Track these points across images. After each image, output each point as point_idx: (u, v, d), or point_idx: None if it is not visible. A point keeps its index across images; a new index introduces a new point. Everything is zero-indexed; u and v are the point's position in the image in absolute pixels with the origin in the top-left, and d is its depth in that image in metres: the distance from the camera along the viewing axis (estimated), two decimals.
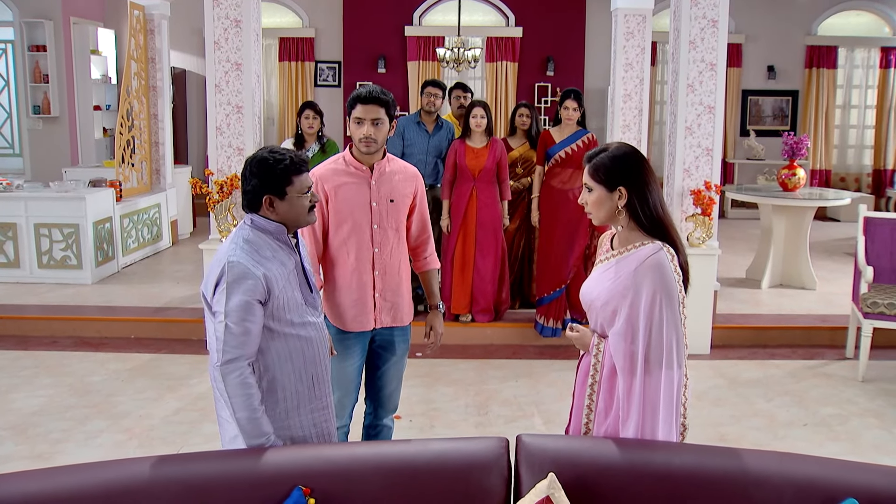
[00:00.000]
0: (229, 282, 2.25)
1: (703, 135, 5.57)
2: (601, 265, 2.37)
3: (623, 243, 2.31)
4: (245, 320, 2.25)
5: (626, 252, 2.28)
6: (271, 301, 2.31)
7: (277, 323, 2.35)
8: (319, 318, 2.53)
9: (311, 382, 2.44)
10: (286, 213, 2.36)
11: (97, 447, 4.02)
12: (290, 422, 2.41)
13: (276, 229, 2.38)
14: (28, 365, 5.23)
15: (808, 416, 4.51)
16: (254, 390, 2.28)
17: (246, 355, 2.27)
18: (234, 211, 5.53)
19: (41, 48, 9.19)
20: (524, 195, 6.00)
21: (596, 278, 2.35)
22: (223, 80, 5.52)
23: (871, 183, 11.67)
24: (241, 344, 2.25)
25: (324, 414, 2.51)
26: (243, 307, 2.25)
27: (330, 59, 11.19)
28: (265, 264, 2.31)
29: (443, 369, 5.21)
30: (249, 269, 2.26)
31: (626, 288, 2.21)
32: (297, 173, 2.35)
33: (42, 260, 6.95)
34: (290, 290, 2.37)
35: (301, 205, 2.37)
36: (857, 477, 2.11)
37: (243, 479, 2.09)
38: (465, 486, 2.11)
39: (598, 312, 2.31)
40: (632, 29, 7.94)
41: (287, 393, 2.39)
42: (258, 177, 2.33)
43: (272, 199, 2.34)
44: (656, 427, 2.19)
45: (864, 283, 5.12)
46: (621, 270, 2.25)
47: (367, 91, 2.94)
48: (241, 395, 2.25)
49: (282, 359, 2.37)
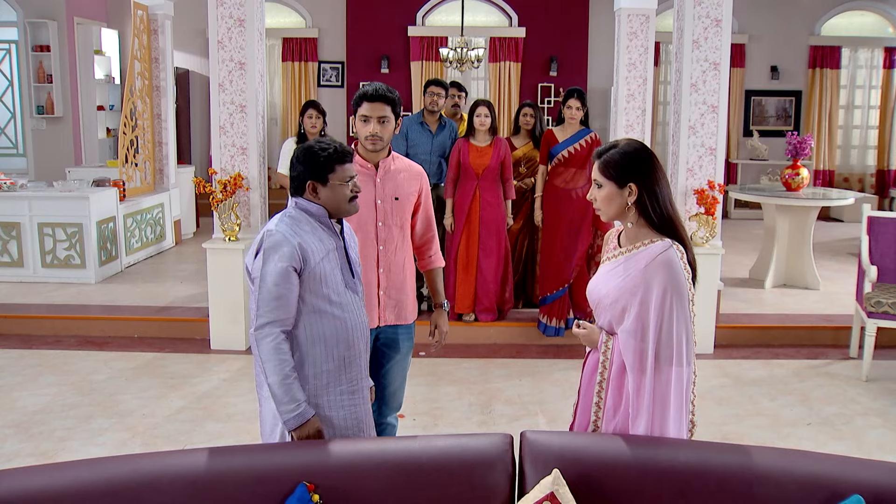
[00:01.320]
0: (266, 248, 2.37)
1: (707, 134, 5.57)
2: (609, 262, 2.36)
3: (631, 240, 2.31)
4: (279, 285, 2.34)
5: (635, 249, 2.27)
6: (307, 271, 2.40)
7: (314, 296, 2.41)
8: (360, 306, 2.57)
9: (342, 363, 2.47)
10: (328, 198, 2.48)
11: (101, 445, 4.03)
12: (319, 400, 2.44)
13: (317, 211, 2.49)
14: (32, 363, 5.24)
15: (812, 416, 4.51)
16: (287, 356, 2.35)
17: (280, 320, 2.35)
18: (237, 210, 5.53)
19: (45, 48, 9.20)
20: (527, 195, 6.00)
21: (604, 276, 2.34)
22: (227, 79, 5.52)
23: (874, 183, 11.65)
24: (276, 308, 2.34)
25: (354, 398, 2.51)
26: (279, 272, 2.34)
27: (333, 59, 11.21)
28: (303, 236, 2.42)
29: (446, 368, 5.21)
30: (286, 237, 2.38)
31: (635, 285, 2.20)
32: (339, 162, 2.47)
33: (46, 259, 6.96)
34: (329, 266, 2.45)
35: (342, 192, 2.49)
36: (862, 474, 2.10)
37: (248, 474, 2.09)
38: (470, 482, 2.11)
39: (606, 310, 2.30)
40: (635, 29, 7.94)
41: (317, 370, 2.43)
42: (304, 164, 2.47)
43: (315, 184, 2.47)
44: (666, 424, 2.18)
45: (868, 283, 5.11)
46: (630, 268, 2.24)
47: (374, 89, 2.95)
48: (274, 359, 2.33)
49: (313, 336, 2.42)
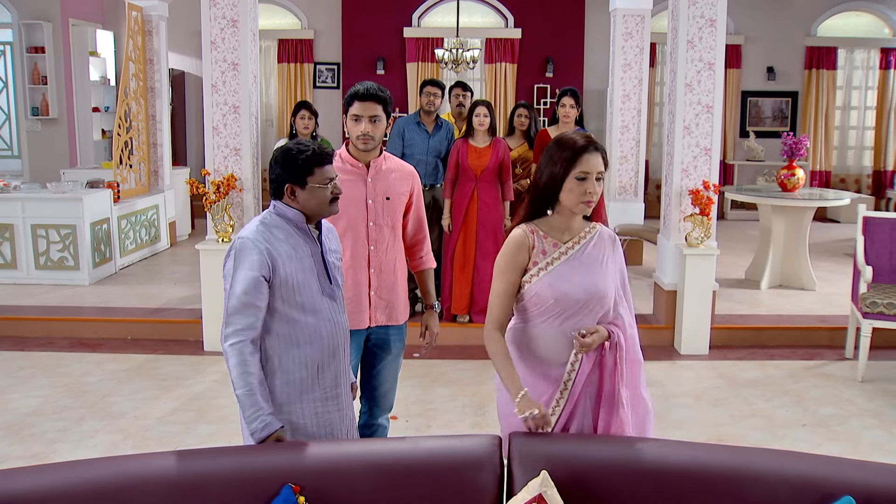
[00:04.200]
0: (236, 255, 2.35)
1: (702, 134, 5.55)
2: (572, 259, 2.36)
3: (578, 229, 2.40)
4: (248, 293, 2.31)
5: (587, 235, 2.39)
6: (277, 279, 2.35)
7: (286, 305, 2.37)
8: (339, 312, 2.52)
9: (316, 371, 2.43)
10: (306, 202, 2.42)
11: (92, 447, 4.01)
12: (291, 407, 2.40)
13: (294, 216, 2.44)
14: (24, 365, 5.21)
15: (808, 417, 4.49)
16: (254, 367, 2.30)
17: (247, 329, 2.31)
18: (230, 211, 5.51)
19: (40, 50, 9.18)
20: (524, 196, 5.98)
21: (593, 272, 2.35)
22: (220, 80, 5.51)
23: (870, 184, 11.65)
24: (243, 317, 2.30)
25: (328, 405, 2.47)
26: (248, 281, 2.31)
27: (329, 60, 11.19)
28: (273, 243, 2.38)
29: (440, 370, 5.19)
30: (254, 244, 2.34)
31: (618, 269, 2.36)
32: (318, 164, 2.40)
33: (39, 261, 6.94)
34: (301, 273, 2.40)
35: (322, 195, 2.42)
36: (854, 474, 2.09)
37: (233, 476, 2.08)
38: (458, 483, 2.10)
39: (603, 303, 2.35)
40: (630, 29, 7.94)
41: (289, 378, 2.39)
42: (281, 166, 2.41)
43: (293, 188, 2.41)
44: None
45: (864, 283, 5.10)
46: (601, 254, 2.36)
47: (365, 88, 2.94)
48: (239, 369, 2.29)
49: (285, 344, 2.38)
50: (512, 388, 2.26)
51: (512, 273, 2.37)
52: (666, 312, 5.71)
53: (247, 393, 2.27)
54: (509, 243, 2.39)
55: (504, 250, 2.40)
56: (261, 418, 2.26)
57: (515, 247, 2.36)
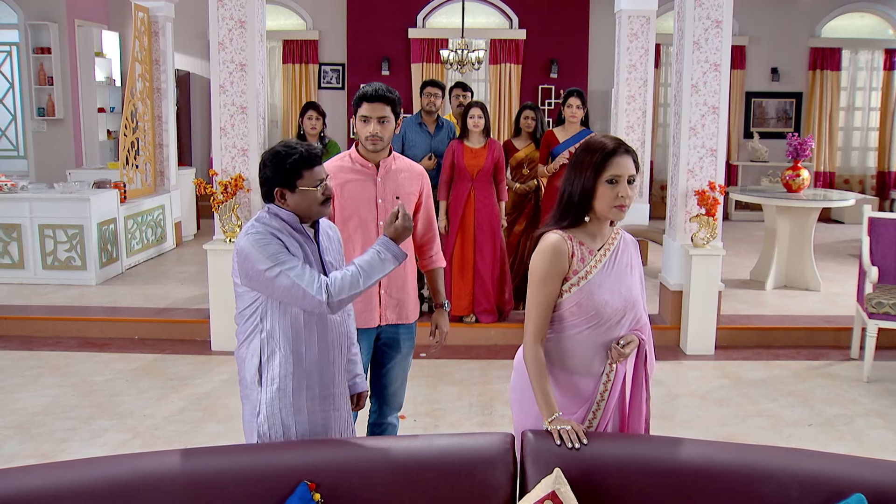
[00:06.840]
0: (255, 242, 2.30)
1: (707, 135, 5.57)
2: (607, 266, 2.29)
3: (607, 235, 2.34)
4: (282, 252, 2.30)
5: (614, 241, 2.35)
6: None
7: (284, 303, 2.36)
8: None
9: (315, 368, 2.41)
10: (297, 204, 2.38)
11: (101, 446, 4.02)
12: (284, 402, 2.38)
13: (288, 217, 2.40)
14: (32, 365, 5.23)
15: (813, 416, 4.50)
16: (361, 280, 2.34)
17: (298, 263, 2.30)
18: (237, 212, 5.53)
19: (46, 50, 9.21)
20: (530, 197, 6.00)
21: (625, 280, 2.31)
22: (227, 80, 5.53)
23: (875, 185, 11.65)
24: (310, 272, 2.28)
25: (325, 404, 2.46)
26: (282, 251, 2.29)
27: (334, 61, 11.22)
28: (277, 235, 2.37)
29: (447, 369, 5.21)
30: (267, 232, 2.33)
31: (640, 274, 2.38)
32: (307, 167, 2.35)
33: (46, 261, 6.96)
34: None
35: (312, 197, 2.37)
36: (864, 472, 2.10)
37: (249, 473, 2.09)
38: (471, 481, 2.11)
39: (637, 312, 2.34)
40: (635, 30, 7.96)
41: (287, 371, 2.37)
42: (270, 169, 2.37)
43: (283, 191, 2.37)
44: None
45: (869, 284, 5.10)
46: (629, 260, 2.33)
47: (374, 89, 2.95)
48: (356, 282, 2.31)
49: (283, 341, 2.37)
50: (546, 410, 2.20)
51: (553, 282, 2.24)
52: (672, 313, 5.72)
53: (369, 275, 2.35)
54: (547, 250, 2.24)
55: (541, 258, 2.25)
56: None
57: (555, 254, 2.23)
